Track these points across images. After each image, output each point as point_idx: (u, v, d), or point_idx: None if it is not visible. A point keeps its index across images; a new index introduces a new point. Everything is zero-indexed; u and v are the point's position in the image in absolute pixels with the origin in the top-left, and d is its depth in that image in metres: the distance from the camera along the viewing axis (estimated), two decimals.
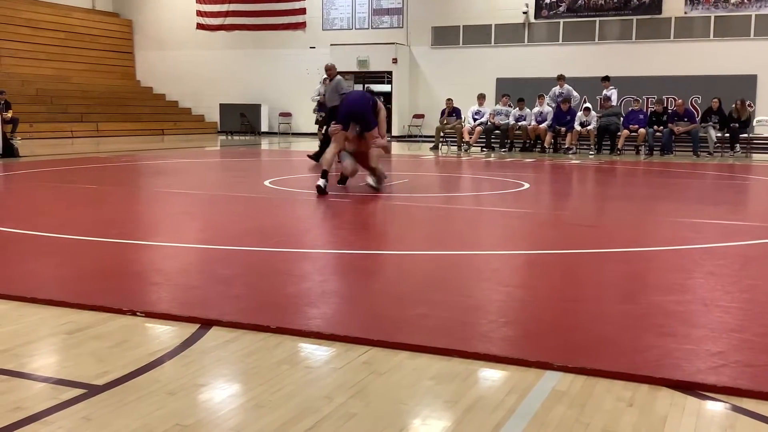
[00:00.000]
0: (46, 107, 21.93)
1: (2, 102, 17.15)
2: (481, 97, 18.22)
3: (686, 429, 2.37)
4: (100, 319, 3.43)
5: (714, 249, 5.41)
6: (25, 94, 21.55)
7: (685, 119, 16.62)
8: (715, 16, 20.14)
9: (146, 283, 4.22)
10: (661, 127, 16.57)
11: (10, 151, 13.46)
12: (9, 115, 17.28)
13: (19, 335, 3.22)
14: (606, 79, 17.54)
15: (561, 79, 17.47)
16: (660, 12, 20.67)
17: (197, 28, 26.42)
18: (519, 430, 2.34)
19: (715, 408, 2.56)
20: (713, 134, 16.48)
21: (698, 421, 2.43)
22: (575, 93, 17.40)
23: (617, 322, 3.46)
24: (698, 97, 19.29)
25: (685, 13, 20.43)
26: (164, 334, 3.28)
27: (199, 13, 26.36)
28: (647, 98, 19.26)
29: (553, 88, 17.52)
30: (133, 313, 3.50)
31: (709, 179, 11.72)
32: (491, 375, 2.82)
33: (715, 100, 16.63)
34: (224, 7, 25.94)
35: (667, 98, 18.31)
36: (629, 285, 4.30)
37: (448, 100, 18.55)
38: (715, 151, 16.56)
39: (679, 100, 17.18)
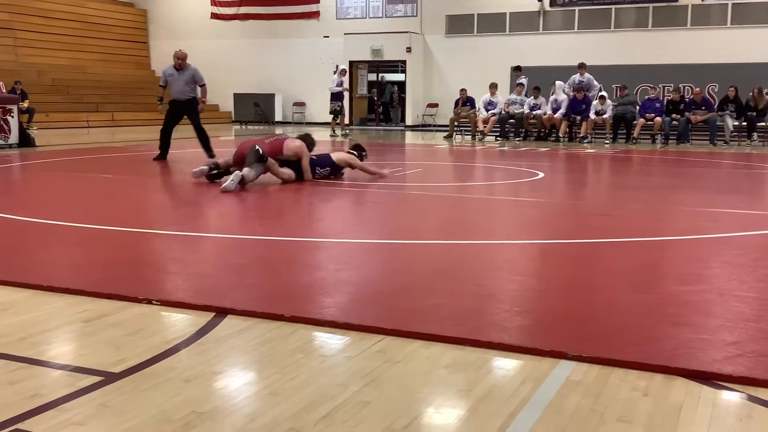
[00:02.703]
0: (62, 97, 22.05)
1: (18, 92, 17.26)
2: (493, 87, 18.09)
3: (702, 419, 2.36)
4: (117, 308, 3.46)
5: (730, 238, 5.37)
6: (41, 84, 21.67)
7: (703, 108, 16.47)
8: (733, 4, 19.93)
9: (161, 271, 4.24)
10: (678, 116, 16.44)
11: (27, 141, 13.55)
12: (25, 105, 17.40)
13: (36, 323, 3.25)
14: (518, 69, 18.28)
15: (582, 67, 17.33)
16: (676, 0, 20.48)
17: (211, 17, 26.45)
18: (533, 419, 2.34)
19: (731, 398, 2.54)
20: (730, 123, 16.33)
21: (714, 411, 2.42)
22: (596, 82, 17.27)
23: (632, 311, 3.45)
24: (715, 86, 19.11)
25: (702, 0, 20.22)
26: (180, 322, 3.30)
27: (213, 3, 26.37)
28: (664, 86, 19.10)
29: (573, 76, 17.38)
30: (149, 302, 3.53)
31: (725, 168, 11.63)
32: (505, 364, 2.82)
33: (732, 88, 16.47)
34: None
35: (684, 86, 18.16)
36: (644, 274, 4.28)
37: (462, 90, 18.47)
38: (731, 140, 16.41)
39: (697, 89, 17.01)
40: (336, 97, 18.61)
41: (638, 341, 3.01)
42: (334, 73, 19.11)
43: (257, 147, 7.91)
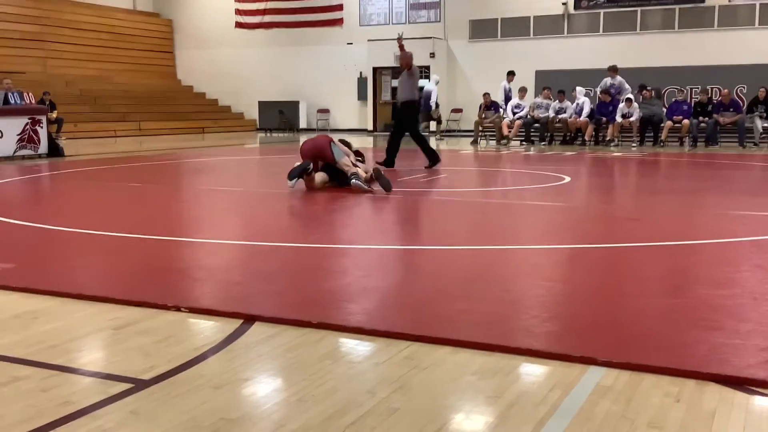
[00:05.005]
0: (90, 107, 22.32)
1: (47, 102, 17.51)
2: (522, 91, 18.08)
3: (735, 424, 2.32)
4: (146, 315, 3.49)
5: (762, 241, 5.29)
6: (70, 95, 21.96)
7: (731, 109, 16.27)
8: (761, 4, 19.66)
9: (190, 279, 4.27)
10: (706, 118, 16.25)
11: (56, 151, 13.74)
12: (54, 115, 17.63)
13: (67, 331, 3.29)
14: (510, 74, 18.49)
15: (613, 70, 17.21)
16: (703, 0, 20.26)
17: (236, 26, 26.66)
18: (563, 425, 2.32)
19: (765, 403, 2.50)
20: (759, 124, 16.10)
21: (747, 417, 2.38)
22: (627, 85, 17.12)
23: (663, 316, 3.40)
24: (744, 87, 18.85)
25: (729, 1, 19.98)
26: (208, 329, 3.32)
27: (238, 12, 26.59)
28: (691, 88, 18.89)
29: (605, 79, 17.28)
30: (178, 309, 3.55)
31: (755, 170, 11.46)
32: (534, 370, 2.80)
33: (763, 89, 16.24)
34: (262, 5, 26.11)
35: (712, 88, 17.95)
36: (675, 279, 4.23)
37: (485, 94, 18.45)
38: (761, 142, 16.19)
39: (725, 90, 16.81)
40: (426, 104, 18.88)
41: (669, 346, 2.97)
42: (433, 81, 19.38)
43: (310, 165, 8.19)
